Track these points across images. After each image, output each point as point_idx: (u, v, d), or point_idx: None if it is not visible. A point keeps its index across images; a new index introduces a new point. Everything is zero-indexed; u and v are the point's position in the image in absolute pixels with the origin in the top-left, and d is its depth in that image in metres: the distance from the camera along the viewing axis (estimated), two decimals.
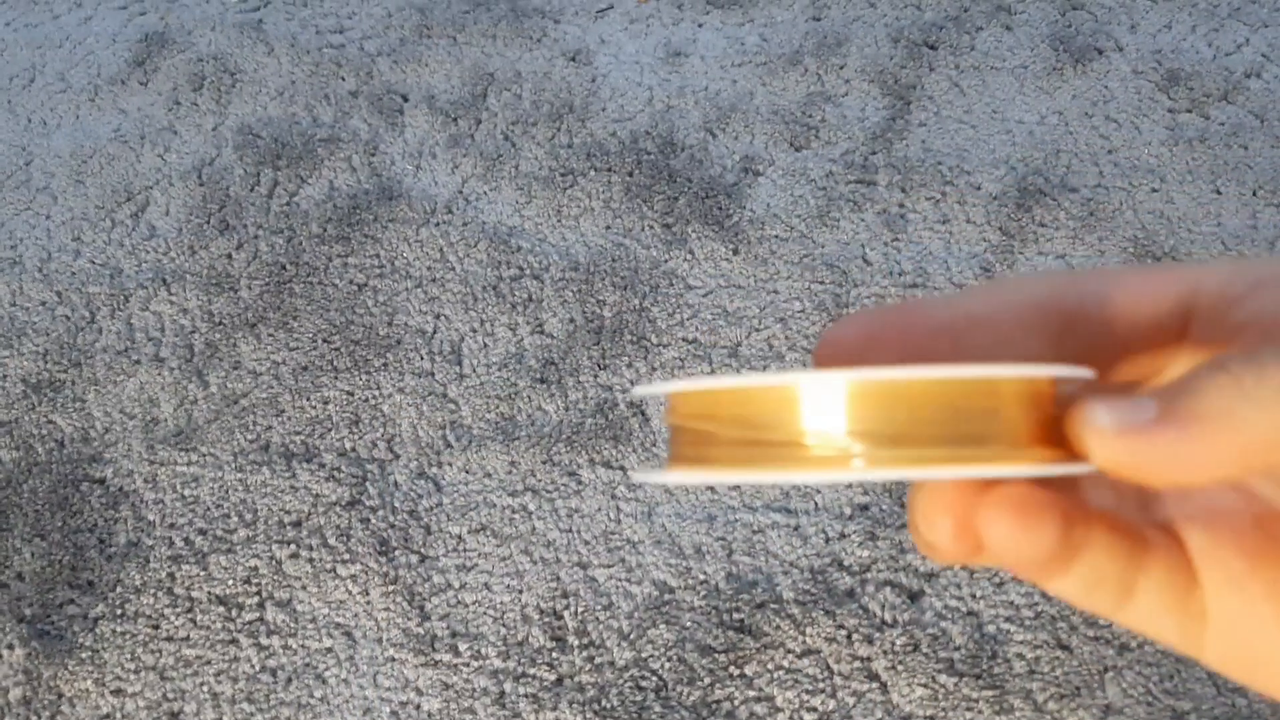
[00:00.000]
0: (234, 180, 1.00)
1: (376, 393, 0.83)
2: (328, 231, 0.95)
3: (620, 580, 0.72)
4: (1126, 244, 0.90)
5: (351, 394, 0.83)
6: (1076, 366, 0.20)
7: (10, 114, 1.09)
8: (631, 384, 0.83)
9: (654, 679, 0.68)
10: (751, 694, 0.67)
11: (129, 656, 0.70)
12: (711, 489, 0.76)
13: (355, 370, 0.85)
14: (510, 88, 1.09)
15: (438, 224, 0.95)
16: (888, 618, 0.69)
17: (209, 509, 0.77)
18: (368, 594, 0.72)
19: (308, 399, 0.83)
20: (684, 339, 0.86)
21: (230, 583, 0.73)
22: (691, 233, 0.92)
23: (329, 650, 0.70)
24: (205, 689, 0.69)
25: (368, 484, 0.78)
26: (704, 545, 0.73)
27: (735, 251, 0.91)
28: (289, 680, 0.69)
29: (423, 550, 0.74)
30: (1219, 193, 0.93)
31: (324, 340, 0.87)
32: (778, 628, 0.69)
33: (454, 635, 0.70)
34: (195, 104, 1.09)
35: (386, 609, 0.71)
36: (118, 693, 0.69)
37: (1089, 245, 0.90)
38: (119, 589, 0.73)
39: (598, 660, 0.69)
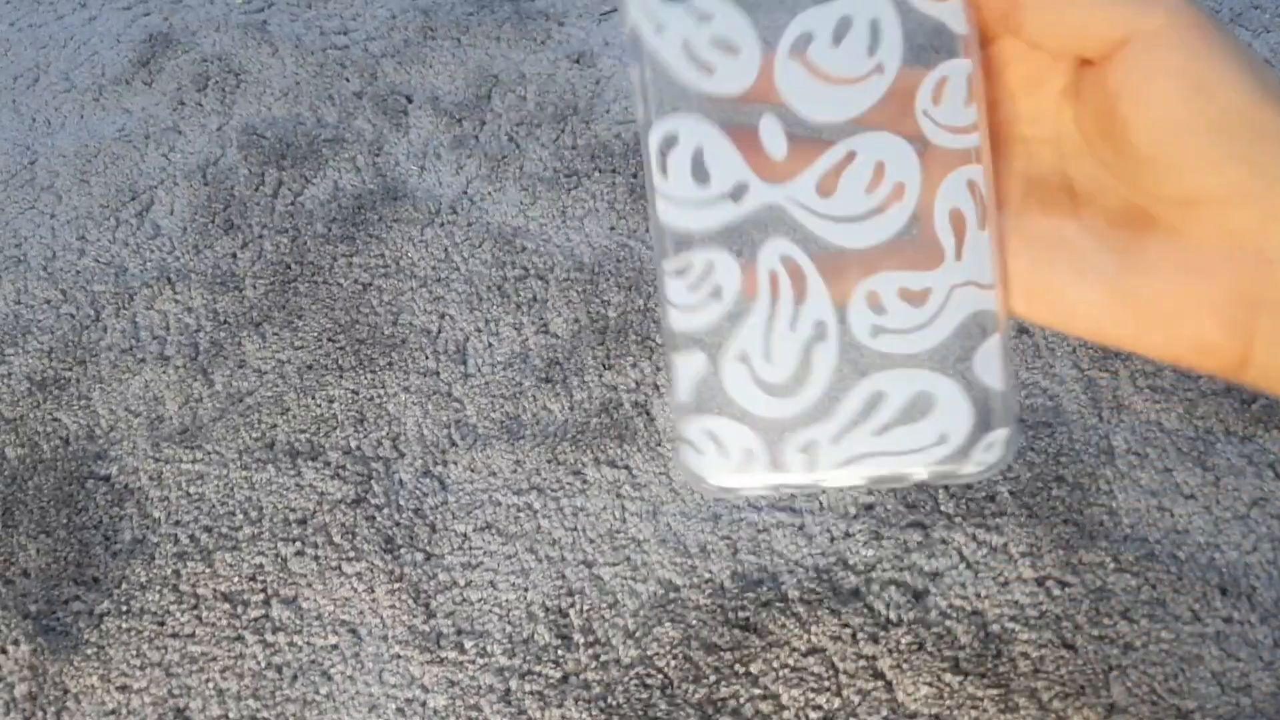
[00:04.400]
0: (238, 180, 1.01)
1: (381, 391, 0.84)
2: (332, 231, 0.95)
3: (626, 579, 0.72)
4: None
5: (356, 393, 0.84)
6: None
7: (15, 113, 1.09)
8: (636, 384, 0.83)
9: (659, 677, 0.68)
10: (757, 692, 0.67)
11: (135, 653, 0.70)
12: None
13: (360, 369, 0.85)
14: (514, 89, 1.09)
15: (442, 224, 0.95)
16: (892, 616, 0.70)
17: (214, 506, 0.77)
18: (373, 591, 0.72)
19: (313, 397, 0.83)
20: None
21: (236, 580, 0.73)
22: None
23: (334, 647, 0.70)
24: (211, 685, 0.69)
25: (373, 482, 0.78)
26: (709, 544, 0.73)
27: None
28: (294, 677, 0.69)
29: (428, 548, 0.74)
30: None
31: (329, 339, 0.87)
32: (783, 626, 0.69)
33: (459, 633, 0.70)
34: (199, 104, 1.09)
35: (392, 606, 0.71)
36: (123, 689, 0.69)
37: None
38: (124, 585, 0.73)
39: (603, 658, 0.69)
